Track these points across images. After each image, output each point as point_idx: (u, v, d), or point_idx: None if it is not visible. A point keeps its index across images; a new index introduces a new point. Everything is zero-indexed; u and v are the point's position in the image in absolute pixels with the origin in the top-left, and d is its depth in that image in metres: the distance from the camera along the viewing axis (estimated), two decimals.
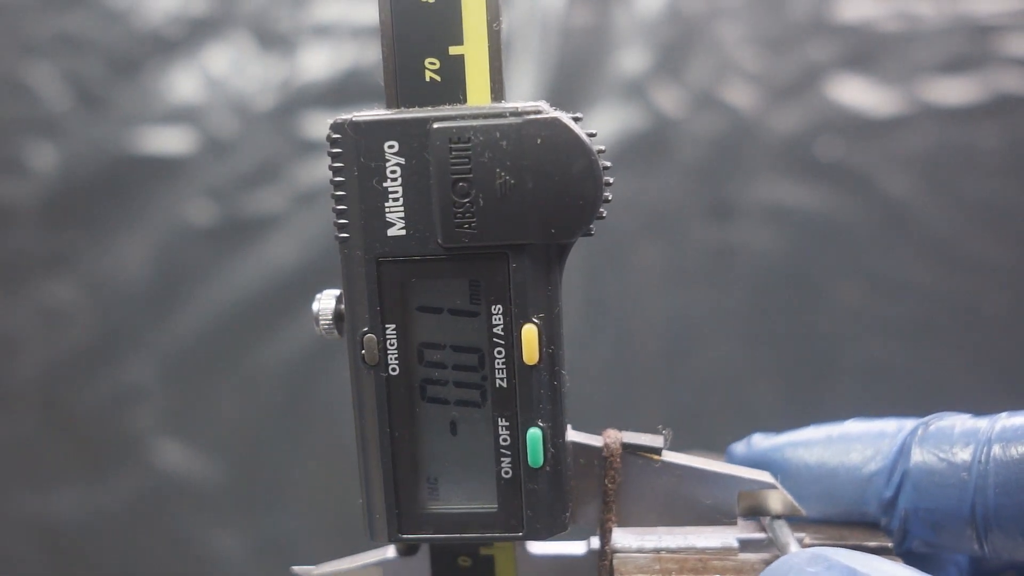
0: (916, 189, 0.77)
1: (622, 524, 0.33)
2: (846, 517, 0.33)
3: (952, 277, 0.77)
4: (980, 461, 0.29)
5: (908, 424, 0.32)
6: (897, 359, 0.78)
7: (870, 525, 0.32)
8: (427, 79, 0.30)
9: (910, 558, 0.31)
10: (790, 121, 0.78)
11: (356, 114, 0.29)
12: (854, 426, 0.33)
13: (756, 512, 0.33)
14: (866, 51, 0.77)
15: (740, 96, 0.78)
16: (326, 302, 0.32)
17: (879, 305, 0.78)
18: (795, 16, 0.78)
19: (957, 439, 0.30)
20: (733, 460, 0.35)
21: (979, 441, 0.30)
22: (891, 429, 0.32)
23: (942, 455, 0.30)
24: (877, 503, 0.31)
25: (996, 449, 0.29)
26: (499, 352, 0.30)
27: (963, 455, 0.30)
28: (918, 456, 0.30)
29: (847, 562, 0.25)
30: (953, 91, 0.77)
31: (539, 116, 0.28)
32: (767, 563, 0.31)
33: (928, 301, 0.78)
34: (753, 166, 0.78)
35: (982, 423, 0.30)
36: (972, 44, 0.76)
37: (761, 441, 0.35)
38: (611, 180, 0.29)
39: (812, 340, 0.79)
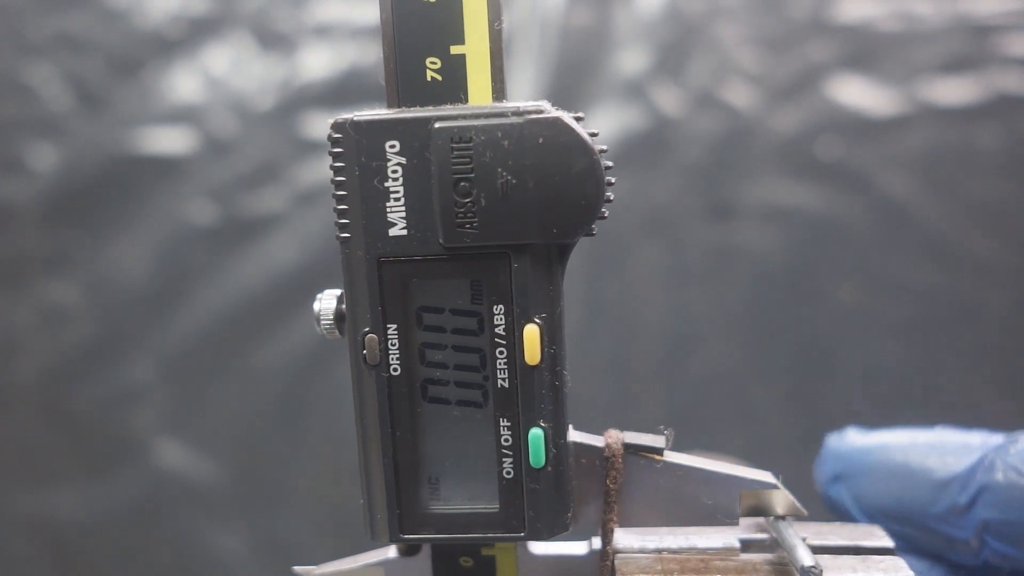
0: (916, 189, 0.77)
1: (624, 524, 0.33)
2: (908, 520, 0.33)
3: (952, 277, 0.77)
4: None
5: (994, 439, 0.33)
6: (897, 359, 0.78)
7: (871, 525, 0.33)
8: (428, 78, 0.30)
9: (986, 571, 0.32)
10: (790, 121, 0.78)
11: (357, 114, 0.29)
12: (942, 433, 0.34)
13: (758, 512, 0.33)
14: (866, 51, 0.77)
15: (740, 96, 0.78)
16: (327, 302, 0.32)
17: (879, 305, 0.78)
18: (795, 16, 0.78)
19: None
20: (828, 448, 0.37)
21: None
22: (976, 441, 0.33)
23: None
24: (948, 508, 0.32)
25: None
26: (501, 352, 0.30)
27: None
28: (1001, 470, 0.31)
29: None
30: (953, 91, 0.77)
31: (541, 116, 0.28)
32: (769, 563, 0.31)
33: (928, 301, 0.77)
34: (753, 166, 0.78)
35: None
36: (972, 44, 0.76)
37: (855, 437, 0.36)
38: (613, 180, 0.29)
39: (812, 340, 0.79)
